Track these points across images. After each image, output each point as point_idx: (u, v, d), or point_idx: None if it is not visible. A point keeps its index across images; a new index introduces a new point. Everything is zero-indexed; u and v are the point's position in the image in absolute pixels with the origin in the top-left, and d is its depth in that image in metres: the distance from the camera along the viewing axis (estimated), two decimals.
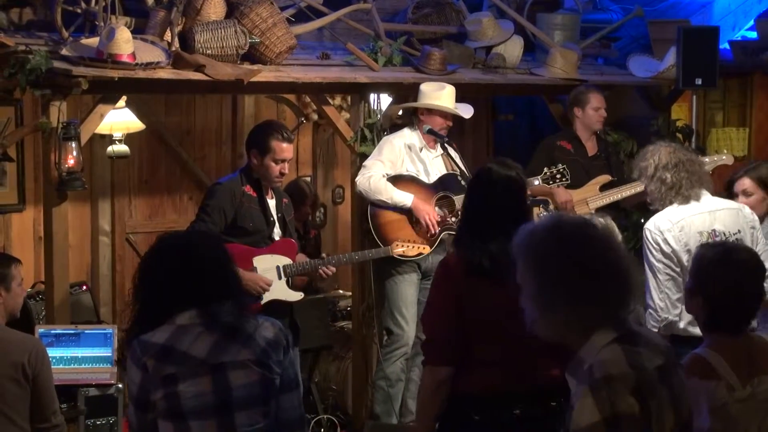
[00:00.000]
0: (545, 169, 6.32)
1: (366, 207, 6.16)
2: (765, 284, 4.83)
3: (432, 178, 6.16)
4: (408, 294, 6.08)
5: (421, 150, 6.17)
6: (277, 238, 5.55)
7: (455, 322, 3.65)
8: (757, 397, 3.21)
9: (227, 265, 3.15)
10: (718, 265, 3.34)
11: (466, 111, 6.32)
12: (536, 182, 6.24)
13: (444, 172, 6.18)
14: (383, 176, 6.04)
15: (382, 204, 6.04)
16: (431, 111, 6.14)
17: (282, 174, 5.48)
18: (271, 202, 5.56)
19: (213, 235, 3.30)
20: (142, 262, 3.18)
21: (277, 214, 5.58)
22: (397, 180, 6.07)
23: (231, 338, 3.03)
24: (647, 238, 4.86)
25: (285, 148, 5.42)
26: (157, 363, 2.97)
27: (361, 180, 6.07)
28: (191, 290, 3.04)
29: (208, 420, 2.96)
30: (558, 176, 6.29)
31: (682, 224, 4.80)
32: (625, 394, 2.45)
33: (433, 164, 6.21)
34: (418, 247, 5.94)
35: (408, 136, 6.19)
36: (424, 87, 6.16)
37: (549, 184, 6.29)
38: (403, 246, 5.91)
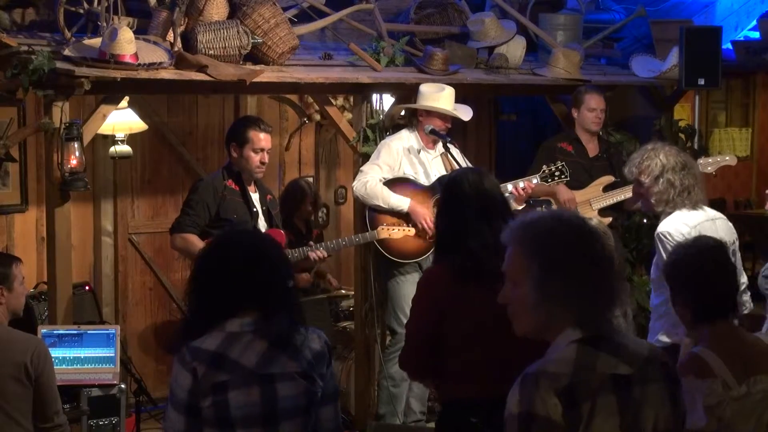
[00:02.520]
0: (543, 167, 6.29)
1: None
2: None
3: (432, 180, 6.16)
4: (410, 293, 6.07)
5: (419, 151, 6.17)
6: (263, 229, 5.67)
7: (429, 338, 3.72)
8: (753, 395, 3.22)
9: (288, 274, 3.10)
10: (692, 260, 3.43)
11: (465, 113, 6.32)
12: (534, 180, 6.22)
13: (444, 172, 6.18)
14: (380, 180, 6.04)
15: (379, 209, 6.05)
16: (430, 112, 6.14)
17: (263, 163, 5.64)
18: (254, 195, 5.73)
19: (276, 241, 3.27)
20: (203, 260, 3.10)
21: (261, 206, 5.72)
22: (393, 183, 6.07)
23: (280, 349, 3.00)
24: (668, 240, 4.70)
25: (263, 138, 5.62)
26: (209, 370, 2.93)
27: (357, 185, 6.09)
28: (251, 298, 2.99)
29: (255, 429, 2.95)
30: (557, 173, 6.27)
31: (699, 230, 4.68)
32: (548, 393, 2.45)
33: (432, 165, 6.21)
34: (404, 230, 5.97)
35: (406, 137, 6.18)
36: (424, 88, 6.16)
37: (548, 181, 6.28)
38: (388, 230, 5.94)
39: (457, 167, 6.08)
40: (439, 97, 6.12)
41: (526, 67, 7.21)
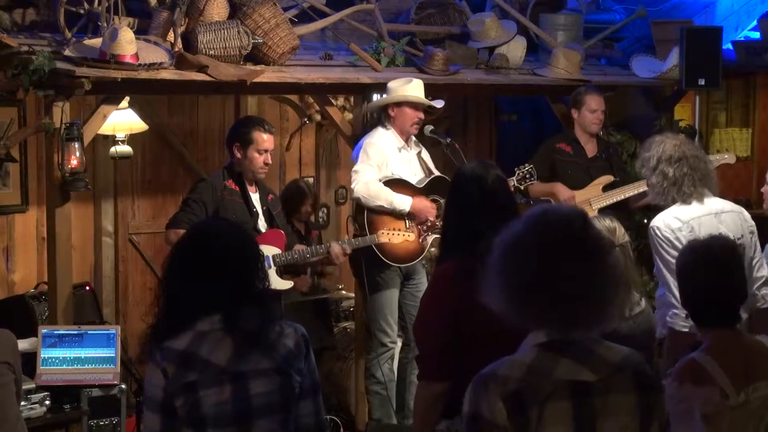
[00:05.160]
0: (516, 170, 6.28)
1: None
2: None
3: (415, 178, 6.13)
4: (391, 298, 6.08)
5: (400, 150, 6.14)
6: (263, 230, 5.67)
7: (450, 337, 3.58)
8: (751, 404, 3.13)
9: (257, 267, 3.07)
10: (691, 264, 3.34)
11: (437, 101, 6.27)
12: (511, 184, 6.17)
13: (419, 170, 6.15)
14: (377, 180, 6.00)
15: (380, 209, 5.97)
16: (400, 105, 6.07)
17: (266, 164, 5.64)
18: (255, 196, 5.72)
19: (244, 230, 3.23)
20: (170, 260, 3.09)
21: (261, 206, 5.72)
22: (389, 184, 6.02)
23: (252, 346, 2.98)
24: (657, 236, 4.70)
25: (267, 139, 5.62)
26: (178, 369, 2.93)
27: (358, 187, 5.95)
28: (219, 296, 2.98)
29: (228, 428, 2.94)
30: (528, 176, 6.27)
31: (692, 225, 4.67)
32: (494, 397, 2.45)
33: (412, 163, 6.18)
34: (404, 235, 5.91)
35: (386, 136, 6.12)
36: (392, 84, 6.10)
37: (521, 184, 6.27)
38: (388, 234, 5.91)
39: (432, 167, 6.09)
40: (407, 88, 6.06)
41: (527, 67, 7.22)
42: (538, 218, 2.56)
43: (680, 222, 4.68)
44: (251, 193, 5.69)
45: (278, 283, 5.64)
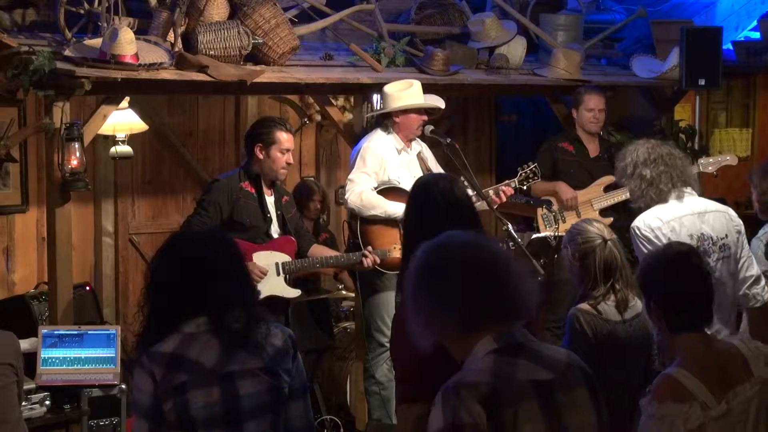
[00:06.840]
0: (519, 170, 6.25)
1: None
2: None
3: (411, 181, 6.09)
4: (388, 299, 6.06)
5: (400, 152, 6.12)
6: (275, 235, 5.61)
7: (428, 356, 3.33)
8: (733, 411, 3.07)
9: (240, 270, 3.09)
10: (651, 271, 3.30)
11: (440, 101, 6.24)
12: (513, 185, 6.15)
13: (419, 172, 6.14)
14: (372, 189, 5.97)
15: (375, 218, 5.94)
16: (406, 112, 6.05)
17: (288, 164, 5.59)
18: (270, 199, 5.64)
19: (225, 236, 3.23)
20: (152, 266, 3.10)
21: (276, 211, 5.65)
22: (383, 192, 5.98)
23: (239, 346, 2.99)
24: (638, 235, 4.65)
25: (288, 138, 5.58)
26: (167, 372, 2.92)
27: (351, 197, 5.93)
28: (202, 298, 2.98)
29: (217, 430, 2.93)
30: (531, 176, 6.23)
31: (673, 225, 4.62)
32: (471, 402, 2.47)
33: (412, 165, 6.16)
34: None
35: (385, 139, 6.09)
36: (390, 89, 6.05)
37: (524, 185, 6.24)
38: (400, 250, 5.86)
39: (433, 166, 6.06)
40: (410, 93, 6.04)
41: (527, 67, 7.21)
42: (438, 243, 2.67)
43: (661, 221, 4.63)
44: (267, 197, 5.59)
45: (286, 291, 5.57)
